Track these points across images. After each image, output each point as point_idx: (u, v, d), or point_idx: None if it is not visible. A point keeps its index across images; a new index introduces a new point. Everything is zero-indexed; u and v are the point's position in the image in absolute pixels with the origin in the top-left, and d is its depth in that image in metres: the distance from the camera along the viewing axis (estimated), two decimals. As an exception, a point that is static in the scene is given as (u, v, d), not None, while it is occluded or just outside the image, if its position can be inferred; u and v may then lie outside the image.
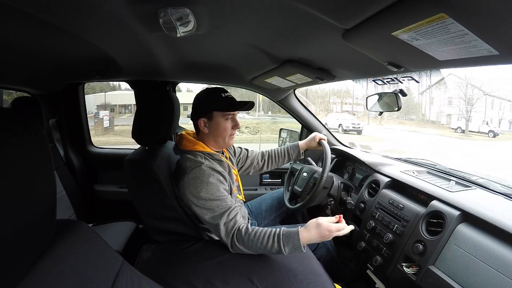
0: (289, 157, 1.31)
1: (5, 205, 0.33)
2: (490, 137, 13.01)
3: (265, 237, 0.82)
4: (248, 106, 0.99)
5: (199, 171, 0.89)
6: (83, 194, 1.58)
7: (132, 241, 1.31)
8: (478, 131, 13.31)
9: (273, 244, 0.81)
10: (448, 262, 0.74)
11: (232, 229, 0.84)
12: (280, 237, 0.81)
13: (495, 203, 0.84)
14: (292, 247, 0.80)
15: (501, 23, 0.40)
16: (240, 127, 1.03)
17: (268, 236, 0.82)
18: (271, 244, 0.81)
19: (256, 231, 0.83)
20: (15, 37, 0.76)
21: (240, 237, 0.83)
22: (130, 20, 0.66)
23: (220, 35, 0.78)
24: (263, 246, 0.81)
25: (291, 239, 0.80)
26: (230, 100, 0.97)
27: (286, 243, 0.80)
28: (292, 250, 0.81)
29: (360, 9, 0.49)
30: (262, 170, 1.32)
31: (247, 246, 0.83)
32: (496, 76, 17.30)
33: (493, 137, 12.81)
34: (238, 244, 0.84)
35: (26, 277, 0.37)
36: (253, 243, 0.82)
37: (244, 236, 0.83)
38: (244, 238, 0.83)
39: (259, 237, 0.82)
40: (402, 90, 1.10)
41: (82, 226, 0.50)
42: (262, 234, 0.82)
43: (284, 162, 1.32)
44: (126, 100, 11.41)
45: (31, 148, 0.37)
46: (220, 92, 0.97)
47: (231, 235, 0.84)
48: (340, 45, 0.71)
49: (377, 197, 1.10)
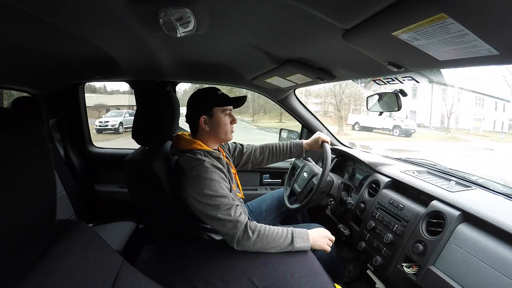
0: (291, 155, 1.32)
1: (5, 205, 0.33)
2: (395, 135, 11.02)
3: (277, 230, 0.89)
4: (242, 101, 1.05)
5: (202, 168, 0.90)
6: (83, 194, 1.58)
7: (132, 241, 1.31)
8: (382, 128, 11.48)
9: (286, 236, 0.89)
10: (448, 262, 0.74)
11: (241, 224, 0.86)
12: (294, 230, 0.91)
13: (495, 203, 0.84)
14: (301, 239, 0.90)
15: (501, 23, 0.40)
16: (237, 122, 1.08)
17: (282, 230, 0.90)
18: (285, 236, 0.89)
19: (266, 226, 0.89)
20: (15, 37, 0.76)
21: (251, 232, 0.86)
22: (130, 20, 0.66)
23: (220, 35, 0.78)
24: (277, 239, 0.87)
25: (301, 233, 0.91)
26: (226, 96, 1.03)
27: (298, 236, 0.90)
28: (301, 243, 0.89)
29: (360, 9, 0.49)
30: (262, 165, 1.32)
31: (257, 240, 0.86)
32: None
33: (402, 136, 10.73)
34: (247, 240, 0.85)
35: (26, 277, 0.37)
36: (264, 238, 0.86)
37: (255, 230, 0.86)
38: (255, 233, 0.86)
39: (272, 231, 0.88)
40: (402, 90, 1.10)
41: (82, 226, 0.50)
42: (273, 229, 0.89)
43: (285, 159, 1.33)
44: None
45: (31, 148, 0.37)
46: (215, 90, 1.02)
47: (239, 231, 0.85)
48: (340, 45, 0.71)
49: (377, 197, 1.10)
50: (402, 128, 11.14)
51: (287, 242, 0.88)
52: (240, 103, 1.05)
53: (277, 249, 0.88)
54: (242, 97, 1.05)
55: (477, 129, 13.94)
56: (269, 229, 0.88)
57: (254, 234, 0.86)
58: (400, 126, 11.13)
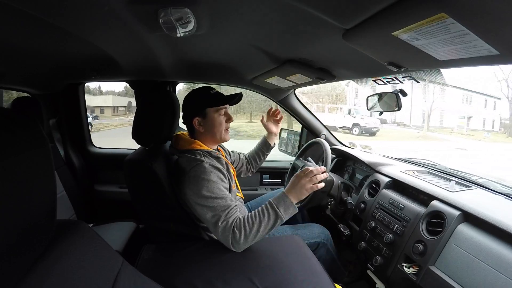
0: (264, 153, 1.37)
1: (5, 205, 0.33)
2: (354, 134, 10.21)
3: (258, 213, 0.85)
4: (237, 98, 1.03)
5: (200, 169, 0.89)
6: (83, 194, 1.58)
7: (132, 241, 1.31)
8: (343, 127, 10.71)
9: (268, 213, 0.84)
10: (449, 262, 0.74)
11: (230, 226, 0.84)
12: (271, 203, 0.86)
13: (495, 203, 0.84)
14: (284, 206, 0.85)
15: (501, 23, 0.40)
16: (233, 120, 1.06)
17: (261, 211, 0.85)
18: (267, 214, 0.84)
19: (248, 214, 0.86)
20: (15, 37, 0.76)
21: (237, 231, 0.83)
22: (130, 20, 0.66)
23: (220, 35, 0.78)
24: (261, 221, 0.83)
25: (281, 200, 0.86)
26: (219, 95, 1.01)
27: (278, 205, 0.85)
28: (287, 210, 0.85)
29: (361, 9, 0.49)
30: (249, 173, 1.38)
31: (246, 232, 0.83)
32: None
33: (365, 135, 9.91)
34: (237, 237, 0.82)
35: (26, 277, 0.37)
36: (249, 225, 0.83)
37: (240, 224, 0.84)
38: (241, 226, 0.83)
39: (254, 216, 0.85)
40: (402, 90, 1.10)
41: (82, 226, 0.50)
42: (254, 213, 0.86)
43: (262, 159, 1.38)
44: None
45: (31, 148, 0.37)
46: (208, 89, 1.01)
47: (230, 233, 0.83)
48: (340, 45, 0.71)
49: (378, 197, 1.10)
50: (362, 127, 10.65)
51: (272, 218, 0.84)
52: (235, 101, 1.03)
53: (269, 229, 0.85)
54: (236, 94, 1.03)
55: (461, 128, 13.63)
56: (251, 217, 0.85)
57: (242, 232, 0.83)
58: (359, 124, 10.65)
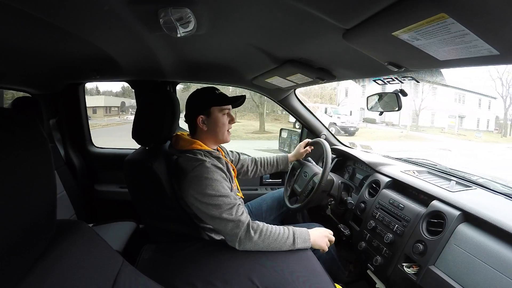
0: (277, 167, 1.41)
1: (5, 205, 0.33)
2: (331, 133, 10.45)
3: (279, 231, 0.89)
4: (241, 101, 1.05)
5: (203, 168, 0.90)
6: (83, 194, 1.58)
7: (132, 241, 1.31)
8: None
9: (288, 236, 0.89)
10: (449, 262, 0.74)
11: (243, 224, 0.86)
12: (295, 231, 0.91)
13: (495, 203, 0.84)
14: (303, 240, 0.90)
15: (501, 23, 0.40)
16: (235, 121, 1.09)
17: (283, 231, 0.90)
18: (287, 237, 0.89)
19: (268, 226, 0.89)
20: (15, 37, 0.76)
21: (253, 232, 0.86)
22: (130, 20, 0.66)
23: (221, 35, 0.78)
24: (278, 239, 0.87)
25: (302, 233, 0.92)
26: (224, 95, 1.03)
27: (299, 235, 0.90)
28: (302, 244, 0.90)
29: (361, 9, 0.49)
30: (249, 176, 1.39)
31: (259, 241, 0.86)
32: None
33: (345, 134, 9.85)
34: (249, 240, 0.85)
35: (26, 277, 0.37)
36: (265, 238, 0.86)
37: (257, 230, 0.86)
38: (257, 233, 0.86)
39: (274, 231, 0.88)
40: (402, 89, 1.10)
41: (82, 226, 0.50)
42: (275, 229, 0.89)
43: (272, 171, 1.42)
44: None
45: (31, 148, 0.37)
46: (214, 89, 1.02)
47: (241, 230, 0.85)
48: (340, 45, 0.71)
49: (378, 197, 1.09)
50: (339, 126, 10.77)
51: (288, 243, 0.88)
52: (238, 102, 1.05)
53: (278, 249, 0.88)
54: (240, 96, 1.05)
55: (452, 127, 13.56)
56: (271, 229, 0.88)
57: (256, 234, 0.86)
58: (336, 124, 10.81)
